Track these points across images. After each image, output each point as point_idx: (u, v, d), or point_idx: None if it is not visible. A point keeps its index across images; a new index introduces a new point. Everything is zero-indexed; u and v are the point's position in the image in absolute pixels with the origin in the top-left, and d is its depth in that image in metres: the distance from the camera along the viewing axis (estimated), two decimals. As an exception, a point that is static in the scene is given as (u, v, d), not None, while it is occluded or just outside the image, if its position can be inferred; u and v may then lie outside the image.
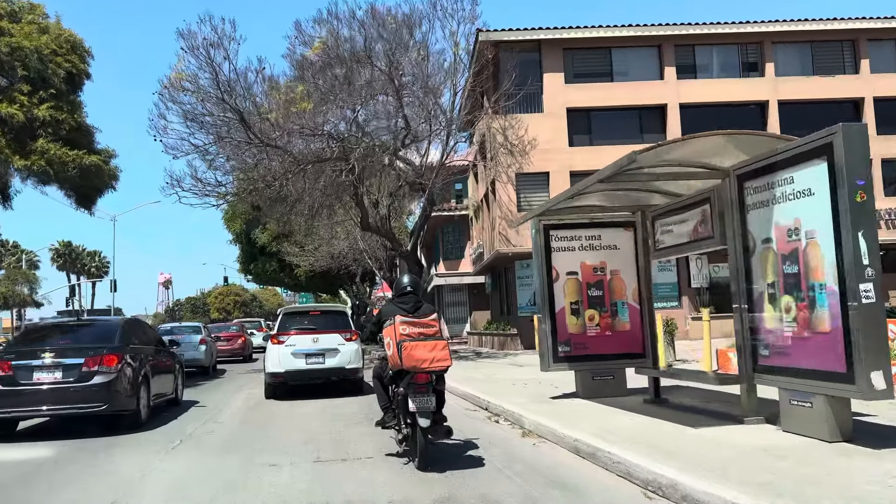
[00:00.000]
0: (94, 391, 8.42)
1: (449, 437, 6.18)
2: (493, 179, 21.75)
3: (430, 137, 19.77)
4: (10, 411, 8.44)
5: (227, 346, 24.96)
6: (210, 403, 12.13)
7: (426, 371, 5.70)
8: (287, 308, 14.67)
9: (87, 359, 8.53)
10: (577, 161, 21.48)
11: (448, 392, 11.84)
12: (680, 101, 21.83)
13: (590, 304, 9.11)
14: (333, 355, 12.28)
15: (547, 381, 11.14)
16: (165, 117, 18.01)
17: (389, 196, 23.22)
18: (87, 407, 8.43)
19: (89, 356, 8.57)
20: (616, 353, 9.05)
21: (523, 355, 19.23)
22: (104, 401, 8.45)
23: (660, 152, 6.19)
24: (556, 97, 21.77)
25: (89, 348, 8.79)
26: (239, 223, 42.37)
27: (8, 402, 8.35)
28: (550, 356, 8.92)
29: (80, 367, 8.47)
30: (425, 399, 5.70)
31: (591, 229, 9.22)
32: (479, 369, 15.08)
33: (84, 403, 8.42)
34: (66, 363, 8.50)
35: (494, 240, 22.24)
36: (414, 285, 6.37)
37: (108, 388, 8.48)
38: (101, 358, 8.59)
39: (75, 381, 8.41)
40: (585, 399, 8.87)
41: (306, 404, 11.19)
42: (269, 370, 12.39)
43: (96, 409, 8.45)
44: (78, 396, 8.40)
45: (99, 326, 10.79)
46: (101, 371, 8.52)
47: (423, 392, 5.71)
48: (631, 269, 9.20)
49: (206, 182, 18.60)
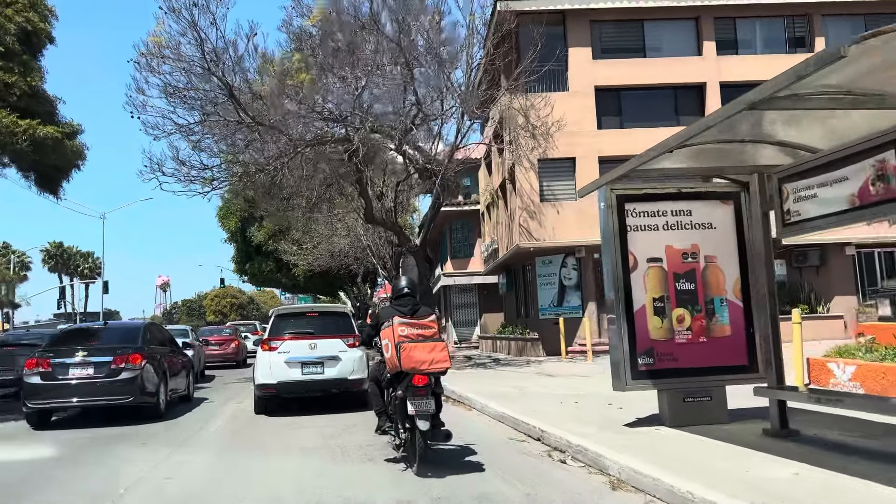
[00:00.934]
0: (121, 385, 9.58)
1: (448, 441, 6.11)
2: (513, 166, 19.51)
3: (442, 117, 17.55)
4: (50, 402, 9.65)
5: (218, 351, 23.52)
6: (185, 422, 9.91)
7: (425, 373, 5.61)
8: (280, 309, 12.40)
9: (115, 357, 9.71)
10: (606, 145, 19.24)
11: (478, 411, 9.70)
12: (720, 79, 19.59)
13: (678, 300, 6.87)
14: (334, 364, 10.36)
15: (599, 396, 8.95)
16: (144, 91, 15.81)
17: (396, 186, 21.07)
18: (115, 399, 9.61)
19: (117, 355, 9.75)
20: (714, 367, 6.81)
21: (548, 363, 16.97)
22: (130, 394, 9.63)
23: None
24: (583, 75, 19.53)
25: (117, 348, 9.98)
26: (234, 220, 40.24)
27: (48, 394, 9.55)
28: (627, 371, 6.67)
29: (109, 364, 9.64)
30: (424, 402, 5.60)
31: (679, 202, 6.98)
32: (505, 380, 12.84)
33: (112, 396, 9.59)
34: (97, 361, 9.68)
35: (513, 233, 19.99)
36: (411, 287, 6.32)
37: (132, 383, 9.63)
38: (127, 356, 9.77)
39: (105, 376, 9.59)
40: (674, 427, 6.62)
41: (302, 425, 9.00)
42: (258, 381, 10.49)
43: (123, 400, 9.63)
44: (107, 390, 9.56)
45: (124, 329, 12.42)
46: (128, 368, 9.68)
47: (423, 395, 5.61)
48: (730, 254, 6.97)
49: (191, 165, 16.36)
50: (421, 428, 5.56)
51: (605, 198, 6.84)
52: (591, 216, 19.80)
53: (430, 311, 6.15)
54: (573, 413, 8.02)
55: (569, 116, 18.29)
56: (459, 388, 11.39)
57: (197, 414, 11.01)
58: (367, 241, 26.96)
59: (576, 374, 13.51)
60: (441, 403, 6.05)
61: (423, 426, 5.56)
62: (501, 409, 8.61)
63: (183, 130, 16.27)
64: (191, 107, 15.99)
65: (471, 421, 8.85)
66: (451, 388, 11.65)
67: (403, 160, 20.44)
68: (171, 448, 7.75)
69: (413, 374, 5.59)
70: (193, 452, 7.48)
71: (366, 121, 16.31)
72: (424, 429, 5.57)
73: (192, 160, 16.23)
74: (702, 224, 6.97)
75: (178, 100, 15.97)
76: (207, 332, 25.75)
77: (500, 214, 22.79)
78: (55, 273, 79.41)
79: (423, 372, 5.59)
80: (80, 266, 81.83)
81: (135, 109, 15.90)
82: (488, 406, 9.13)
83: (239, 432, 8.84)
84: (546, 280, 20.16)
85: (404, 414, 5.70)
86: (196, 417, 10.56)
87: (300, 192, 20.31)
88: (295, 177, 18.16)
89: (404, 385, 5.67)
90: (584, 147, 19.19)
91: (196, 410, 11.41)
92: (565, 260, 19.77)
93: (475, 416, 9.28)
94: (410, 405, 5.57)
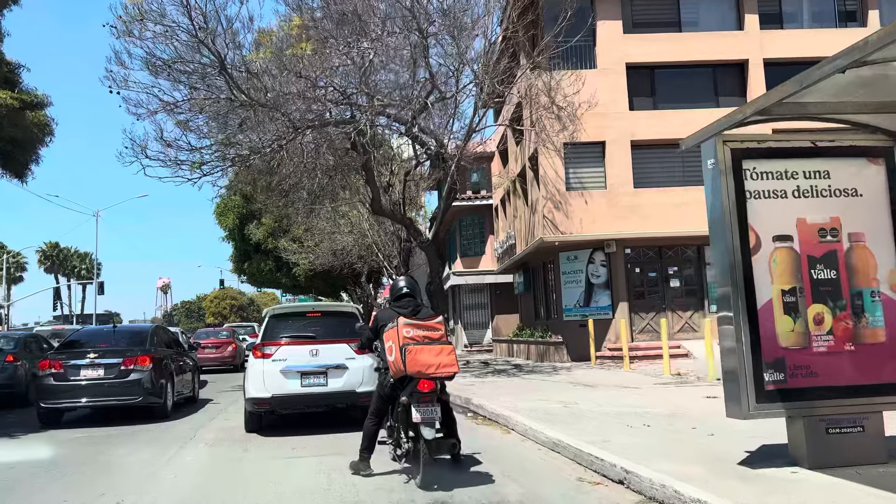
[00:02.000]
0: (129, 386, 9.93)
1: (455, 452, 5.63)
2: (536, 151, 17.66)
3: (457, 96, 15.70)
4: (63, 402, 9.94)
5: (214, 354, 22.53)
6: (160, 444, 8.05)
7: (432, 377, 5.26)
8: (275, 308, 10.39)
9: (124, 359, 10.07)
10: (639, 128, 17.42)
11: (519, 435, 7.80)
12: (764, 55, 17.73)
13: (814, 294, 5.02)
14: (339, 374, 8.67)
15: (672, 417, 7.14)
16: (125, 64, 14.02)
17: (405, 177, 19.27)
18: (125, 399, 9.97)
19: (126, 357, 10.12)
20: (866, 385, 4.97)
21: (578, 370, 15.10)
22: (139, 394, 9.97)
23: None
24: (613, 50, 17.69)
25: (126, 350, 10.35)
26: (232, 217, 38.42)
27: (61, 395, 9.85)
28: (751, 391, 4.81)
29: (118, 365, 10.00)
30: (430, 408, 5.25)
31: (814, 160, 5.14)
32: (539, 391, 10.99)
33: (122, 396, 9.95)
34: (107, 363, 10.03)
35: (535, 226, 18.14)
36: (412, 288, 6.03)
37: (141, 384, 9.98)
38: (136, 358, 10.11)
39: (115, 377, 9.94)
40: (815, 469, 4.76)
41: (300, 453, 7.15)
42: (250, 394, 8.79)
43: (132, 401, 9.97)
44: (117, 390, 9.92)
45: (132, 332, 12.83)
46: (137, 369, 10.02)
47: (428, 401, 5.27)
48: (883, 231, 5.15)
49: (178, 146, 14.55)
50: (426, 436, 5.19)
51: (716, 153, 4.98)
52: (622, 206, 17.99)
53: (432, 312, 5.88)
54: (656, 443, 6.15)
55: (598, 96, 16.45)
56: (489, 401, 9.55)
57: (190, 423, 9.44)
58: (373, 236, 25.12)
59: (620, 384, 11.66)
60: (451, 413, 5.73)
61: (428, 434, 5.20)
62: (556, 435, 6.74)
63: (169, 108, 14.47)
64: (176, 80, 14.17)
65: (516, 449, 6.99)
66: (477, 401, 9.81)
67: (413, 147, 18.70)
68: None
69: (418, 378, 5.25)
70: None
71: (373, 99, 14.50)
72: (430, 437, 5.20)
73: (180, 141, 14.41)
74: (844, 190, 5.13)
75: (163, 73, 14.18)
76: (203, 335, 24.69)
77: (519, 206, 20.93)
78: (51, 274, 77.99)
79: (429, 376, 5.25)
80: (76, 267, 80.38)
81: (114, 84, 14.15)
82: (536, 429, 7.28)
83: (215, 472, 6.82)
84: (571, 278, 18.29)
85: (408, 422, 5.36)
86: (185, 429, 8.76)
87: (301, 183, 18.64)
88: (294, 164, 16.41)
89: (409, 391, 5.34)
90: (614, 130, 17.34)
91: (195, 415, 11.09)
92: (593, 255, 17.92)
93: (517, 442, 7.43)
94: (415, 412, 5.23)
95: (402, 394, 5.43)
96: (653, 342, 17.20)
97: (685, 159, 17.74)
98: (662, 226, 17.04)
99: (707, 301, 17.61)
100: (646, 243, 17.66)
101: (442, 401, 5.48)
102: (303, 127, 14.52)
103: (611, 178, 17.39)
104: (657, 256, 17.96)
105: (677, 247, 17.80)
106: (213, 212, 39.99)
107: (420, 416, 5.20)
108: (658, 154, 17.61)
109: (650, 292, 17.96)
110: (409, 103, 14.89)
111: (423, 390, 5.25)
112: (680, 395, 9.82)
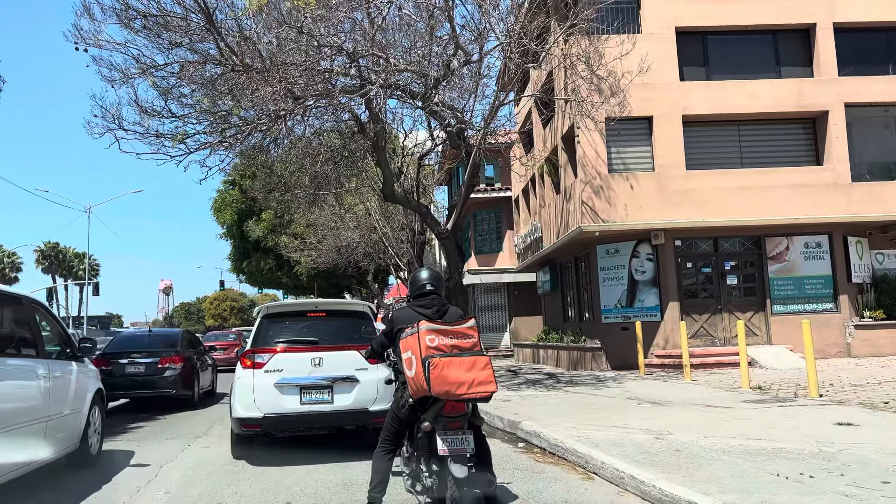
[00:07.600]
0: (165, 381, 12.22)
1: (490, 492, 4.11)
2: (571, 130, 15.40)
3: (480, 64, 13.44)
4: (110, 394, 10.37)
5: (223, 356, 23.91)
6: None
7: (463, 399, 4.03)
8: (270, 306, 7.98)
9: (161, 358, 12.41)
10: (692, 101, 15.16)
11: (614, 485, 4.36)
12: (834, 19, 15.47)
13: None
14: (348, 389, 7.05)
15: (827, 454, 4.87)
16: (95, 16, 11.85)
17: (420, 160, 17.11)
18: (161, 392, 12.24)
19: (162, 356, 12.45)
20: None
21: (626, 380, 12.80)
22: (173, 387, 12.26)
23: None
24: (661, 13, 15.44)
25: (162, 350, 12.66)
26: (230, 213, 36.39)
27: (110, 388, 10.09)
28: None
29: (156, 363, 12.33)
30: (460, 437, 4.09)
31: None
32: (606, 412, 8.70)
33: (159, 389, 12.22)
34: (146, 361, 12.38)
35: (571, 214, 15.86)
36: (436, 282, 4.71)
37: (175, 379, 12.28)
38: (170, 358, 12.45)
39: (153, 374, 12.25)
40: None
41: (294, 493, 5.13)
42: (237, 414, 7.09)
43: (167, 393, 12.26)
44: (155, 384, 12.21)
45: (165, 335, 14.27)
46: (171, 367, 12.35)
47: (457, 427, 4.12)
48: None
49: (158, 113, 12.33)
50: (456, 475, 3.95)
51: None
52: (673, 191, 15.45)
53: (461, 313, 4.64)
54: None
55: (646, 63, 14.20)
56: (546, 428, 7.28)
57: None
58: (382, 229, 22.91)
59: (695, 401, 9.36)
60: (484, 440, 4.40)
61: (459, 472, 3.95)
62: (683, 494, 4.46)
63: (147, 70, 12.26)
64: (157, 34, 11.95)
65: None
66: (528, 426, 7.55)
67: (427, 126, 16.49)
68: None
69: (445, 399, 4.03)
70: None
71: (387, 62, 12.28)
72: (461, 476, 3.95)
73: (157, 106, 12.19)
74: None
75: (139, 29, 11.98)
76: (212, 338, 26.82)
77: (548, 195, 18.65)
78: (49, 274, 76.44)
79: (459, 397, 4.01)
80: (74, 267, 78.70)
81: (82, 41, 11.97)
82: (641, 479, 5.00)
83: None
84: (611, 274, 16.00)
85: (431, 452, 4.22)
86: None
87: (303, 168, 16.55)
88: (294, 142, 14.28)
89: (432, 413, 4.13)
90: (664, 103, 15.10)
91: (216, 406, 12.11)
92: (637, 248, 15.64)
93: (613, 495, 5.15)
94: (441, 442, 4.05)
95: (423, 416, 4.29)
96: (710, 348, 14.95)
97: (743, 137, 15.49)
98: (718, 213, 14.82)
99: (769, 301, 15.31)
100: (699, 234, 15.39)
101: (474, 425, 4.32)
102: (305, 96, 12.32)
103: (659, 159, 15.11)
104: (712, 249, 15.67)
105: (735, 238, 15.51)
106: (211, 207, 37.97)
107: (447, 448, 4.06)
108: (713, 131, 15.44)
109: (703, 290, 15.67)
110: (430, 64, 12.63)
111: (451, 414, 4.14)
112: (795, 419, 7.53)
